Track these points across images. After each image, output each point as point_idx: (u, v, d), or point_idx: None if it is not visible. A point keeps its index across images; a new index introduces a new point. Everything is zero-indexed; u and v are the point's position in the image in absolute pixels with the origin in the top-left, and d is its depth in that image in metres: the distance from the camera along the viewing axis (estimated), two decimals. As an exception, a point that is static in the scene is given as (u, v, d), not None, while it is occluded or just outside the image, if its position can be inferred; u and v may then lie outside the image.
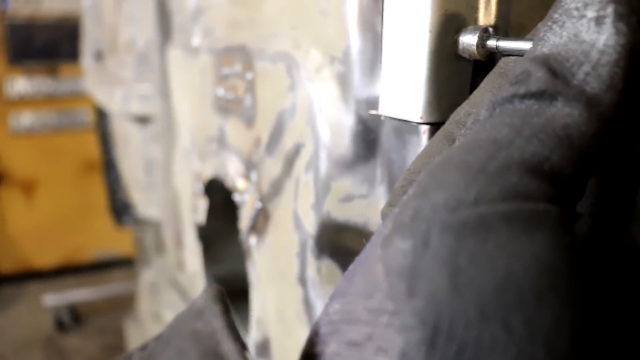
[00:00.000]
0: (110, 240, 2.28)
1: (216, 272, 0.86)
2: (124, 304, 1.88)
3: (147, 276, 1.62)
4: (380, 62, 0.38)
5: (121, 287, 2.12)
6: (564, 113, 0.23)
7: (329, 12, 0.41)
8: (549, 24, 0.26)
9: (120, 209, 1.85)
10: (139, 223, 1.59)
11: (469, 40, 0.34)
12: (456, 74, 0.36)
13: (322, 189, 0.43)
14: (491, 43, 0.33)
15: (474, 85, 0.37)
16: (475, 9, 0.36)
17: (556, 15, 0.26)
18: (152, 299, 1.54)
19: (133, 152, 1.35)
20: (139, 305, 1.65)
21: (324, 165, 0.42)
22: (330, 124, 0.41)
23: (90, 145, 1.92)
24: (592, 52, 0.24)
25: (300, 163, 0.45)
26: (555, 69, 0.24)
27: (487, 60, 0.35)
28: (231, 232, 0.65)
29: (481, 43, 0.34)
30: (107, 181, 1.84)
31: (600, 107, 0.24)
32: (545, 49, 0.25)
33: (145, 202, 1.35)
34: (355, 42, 0.39)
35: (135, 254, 1.74)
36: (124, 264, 2.25)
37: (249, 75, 0.54)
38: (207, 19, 0.67)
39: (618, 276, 0.31)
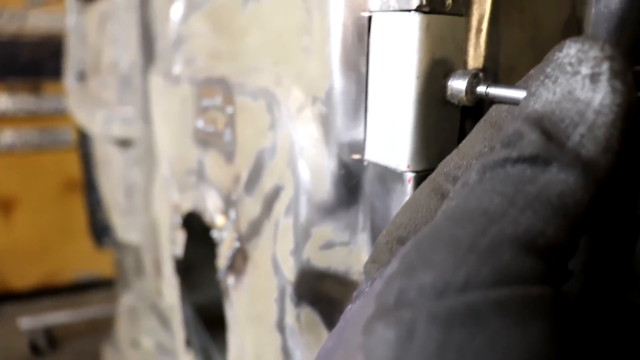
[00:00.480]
0: (90, 262, 2.22)
1: (196, 300, 0.83)
2: (103, 328, 1.83)
3: (126, 300, 1.58)
4: (364, 105, 0.36)
5: (100, 310, 2.06)
6: (559, 179, 0.21)
7: (311, 50, 0.39)
8: (542, 78, 0.24)
9: (100, 230, 1.81)
10: (119, 246, 1.56)
11: (457, 85, 0.32)
12: (445, 120, 0.34)
13: (302, 235, 0.40)
14: (481, 89, 0.32)
15: (462, 131, 0.35)
16: (464, 51, 0.34)
17: (549, 70, 0.24)
18: (130, 325, 1.50)
19: (113, 175, 1.32)
20: (117, 330, 1.60)
21: (304, 210, 0.40)
22: (311, 167, 0.39)
23: (72, 165, 1.88)
24: (588, 112, 0.22)
25: (280, 206, 0.43)
26: (549, 131, 0.23)
27: (476, 106, 0.33)
28: (211, 262, 0.62)
29: (470, 89, 0.32)
30: (88, 202, 1.80)
31: (597, 172, 0.22)
32: (537, 105, 0.24)
33: (124, 227, 1.32)
34: (339, 82, 0.37)
35: (115, 276, 1.69)
36: (103, 286, 2.20)
37: (229, 109, 0.52)
38: (189, 47, 0.65)
39: (614, 337, 0.29)
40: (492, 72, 0.36)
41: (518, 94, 0.29)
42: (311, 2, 0.39)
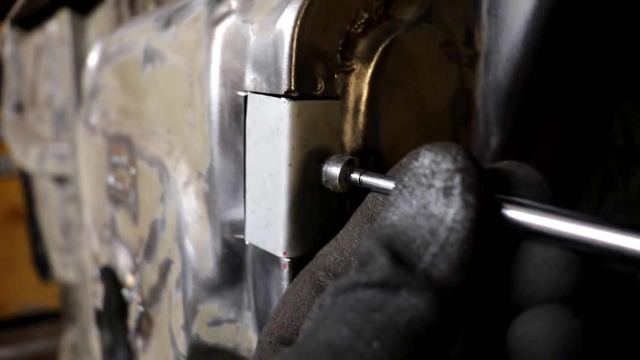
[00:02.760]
0: (35, 294, 2.15)
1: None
2: (49, 363, 1.77)
3: (69, 336, 1.53)
4: (244, 185, 0.36)
5: (45, 345, 1.99)
6: (409, 305, 0.21)
7: (194, 125, 0.38)
8: (399, 187, 0.24)
9: (44, 262, 1.76)
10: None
11: (332, 172, 0.32)
12: (321, 206, 0.34)
13: (190, 311, 0.39)
14: (354, 177, 0.31)
15: (341, 215, 0.35)
16: (340, 133, 0.34)
17: (406, 179, 0.24)
18: (72, 363, 1.45)
19: (51, 211, 1.29)
20: (60, 368, 1.55)
21: (190, 287, 0.39)
22: (196, 244, 0.38)
23: (15, 193, 1.82)
24: (440, 229, 0.22)
25: (172, 278, 0.42)
26: (400, 253, 0.22)
27: (350, 192, 0.33)
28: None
29: (344, 176, 0.32)
30: (31, 233, 1.74)
31: (449, 292, 0.22)
32: (396, 217, 0.24)
33: (62, 264, 1.28)
34: (218, 161, 0.36)
35: (61, 309, 1.64)
36: (49, 318, 2.13)
37: (132, 171, 0.50)
38: (103, 98, 0.63)
39: None
40: (373, 152, 0.35)
41: (390, 184, 0.28)
42: (193, 76, 0.38)
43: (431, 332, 0.21)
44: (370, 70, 0.34)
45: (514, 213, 0.24)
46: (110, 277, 0.67)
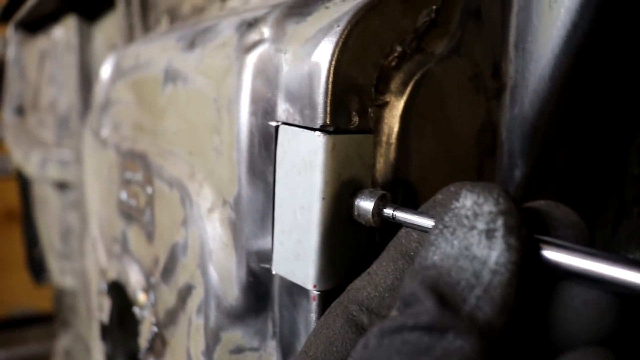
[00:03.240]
0: (28, 296, 2.13)
1: (133, 348, 0.80)
2: (40, 368, 1.76)
3: (63, 341, 1.52)
4: (272, 215, 0.35)
5: (37, 348, 1.98)
6: (456, 347, 0.21)
7: (221, 152, 0.38)
8: (440, 227, 0.24)
9: (38, 265, 1.74)
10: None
11: (364, 206, 0.32)
12: (352, 239, 0.33)
13: (212, 338, 0.39)
14: (388, 212, 0.31)
15: (371, 248, 0.35)
16: (372, 167, 0.34)
17: (447, 219, 0.24)
18: (66, 370, 1.44)
19: (51, 216, 1.28)
20: (53, 374, 1.54)
21: (213, 314, 0.39)
22: (220, 272, 0.38)
23: (12, 194, 1.81)
24: (484, 272, 0.22)
25: (192, 304, 0.41)
26: (445, 295, 0.22)
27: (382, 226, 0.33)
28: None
29: (377, 211, 0.32)
30: (27, 236, 1.73)
31: (493, 334, 0.22)
32: (437, 257, 0.24)
33: (60, 270, 1.27)
34: (246, 190, 0.36)
35: (54, 312, 1.62)
36: (42, 321, 2.11)
37: (149, 189, 0.50)
38: (116, 112, 0.63)
39: None
40: (403, 185, 0.35)
41: (425, 222, 0.28)
42: (221, 102, 0.38)
43: None
44: (402, 104, 0.34)
45: (553, 254, 0.25)
46: (114, 288, 0.67)
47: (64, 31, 1.12)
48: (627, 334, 0.25)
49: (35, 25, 1.31)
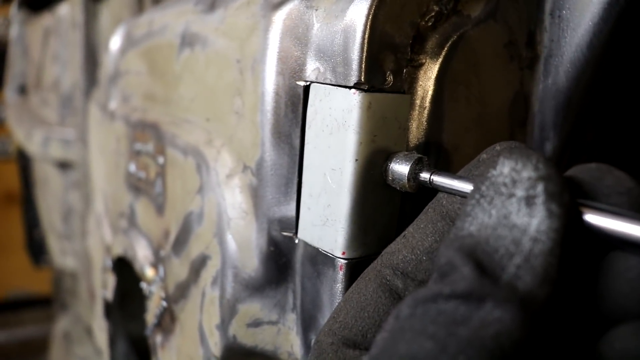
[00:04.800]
0: (26, 279, 2.11)
1: (134, 331, 0.79)
2: (37, 350, 1.74)
3: (62, 323, 1.50)
4: (298, 180, 0.34)
5: (35, 331, 1.96)
6: (494, 318, 0.19)
7: (242, 115, 0.36)
8: (477, 197, 0.23)
9: (38, 247, 1.72)
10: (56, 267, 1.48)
11: (400, 170, 0.30)
12: (384, 205, 0.32)
13: (228, 310, 0.37)
14: (424, 176, 0.29)
15: (402, 215, 0.33)
16: (406, 130, 0.32)
17: (484, 188, 0.22)
18: (64, 351, 1.42)
19: (52, 196, 1.26)
20: (51, 355, 1.53)
21: (230, 285, 0.37)
22: (239, 241, 0.36)
23: (11, 176, 1.79)
24: (524, 240, 0.21)
25: (207, 275, 0.40)
26: (483, 263, 0.21)
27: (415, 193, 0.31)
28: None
29: (413, 176, 0.30)
30: (26, 217, 1.71)
31: (535, 305, 0.20)
32: (473, 228, 0.22)
33: (61, 251, 1.26)
34: (270, 154, 0.34)
35: (53, 295, 1.61)
36: (40, 304, 2.09)
37: (160, 159, 0.48)
38: (125, 84, 0.61)
39: None
40: (435, 152, 0.34)
41: (467, 187, 0.27)
42: (245, 62, 0.36)
43: (517, 347, 0.20)
44: (437, 66, 0.33)
45: (603, 222, 0.23)
46: (117, 267, 0.65)
47: (69, 8, 1.10)
48: None
49: (39, 3, 1.28)
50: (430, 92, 0.33)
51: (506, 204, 0.22)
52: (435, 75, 0.33)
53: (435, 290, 0.21)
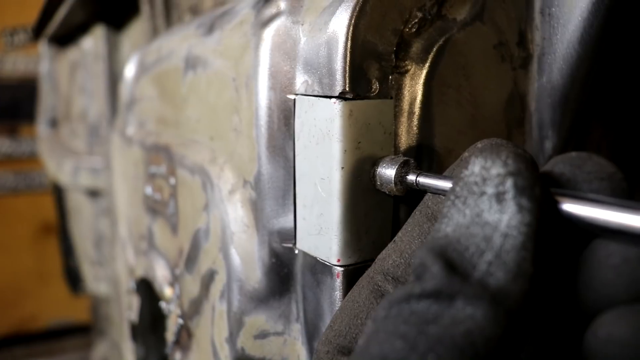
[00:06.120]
0: (66, 307, 2.17)
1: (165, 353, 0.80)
2: (78, 378, 1.78)
3: (100, 349, 1.53)
4: (293, 192, 0.34)
5: (76, 358, 2.00)
6: (465, 315, 0.19)
7: (240, 131, 0.38)
8: (452, 198, 0.23)
9: (74, 275, 1.77)
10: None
11: (386, 173, 0.31)
12: (376, 210, 0.32)
13: (236, 323, 0.38)
14: (411, 178, 0.30)
15: (396, 219, 0.33)
16: (393, 135, 0.33)
17: (457, 189, 0.23)
18: (103, 377, 1.45)
19: (84, 224, 1.29)
20: (91, 383, 1.56)
21: (236, 298, 0.38)
22: (242, 254, 0.37)
23: (48, 208, 1.85)
24: (495, 236, 0.21)
25: (215, 290, 0.41)
26: (453, 261, 0.21)
27: (408, 194, 0.31)
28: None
29: (400, 179, 0.30)
30: (63, 247, 1.76)
31: (508, 302, 0.20)
32: (449, 228, 0.22)
33: (94, 277, 1.29)
34: (266, 167, 0.35)
35: (91, 322, 1.65)
36: (79, 332, 2.14)
37: (172, 180, 0.50)
38: (140, 110, 0.63)
39: None
40: (427, 157, 0.34)
41: (448, 185, 0.27)
42: (240, 80, 0.37)
43: (491, 343, 0.19)
44: (424, 71, 0.33)
45: (581, 210, 0.22)
46: (144, 289, 0.67)
47: (93, 41, 1.14)
48: None
49: (66, 38, 1.34)
50: (418, 97, 0.33)
51: (478, 202, 0.22)
52: (422, 80, 0.33)
53: (407, 290, 0.21)
